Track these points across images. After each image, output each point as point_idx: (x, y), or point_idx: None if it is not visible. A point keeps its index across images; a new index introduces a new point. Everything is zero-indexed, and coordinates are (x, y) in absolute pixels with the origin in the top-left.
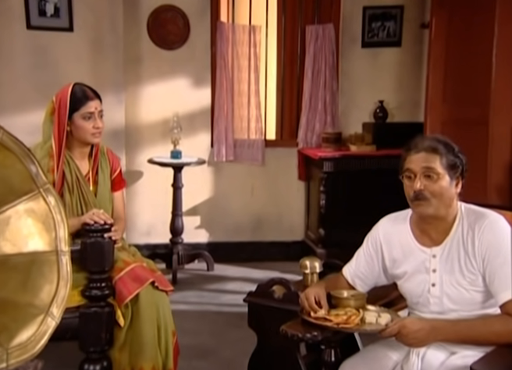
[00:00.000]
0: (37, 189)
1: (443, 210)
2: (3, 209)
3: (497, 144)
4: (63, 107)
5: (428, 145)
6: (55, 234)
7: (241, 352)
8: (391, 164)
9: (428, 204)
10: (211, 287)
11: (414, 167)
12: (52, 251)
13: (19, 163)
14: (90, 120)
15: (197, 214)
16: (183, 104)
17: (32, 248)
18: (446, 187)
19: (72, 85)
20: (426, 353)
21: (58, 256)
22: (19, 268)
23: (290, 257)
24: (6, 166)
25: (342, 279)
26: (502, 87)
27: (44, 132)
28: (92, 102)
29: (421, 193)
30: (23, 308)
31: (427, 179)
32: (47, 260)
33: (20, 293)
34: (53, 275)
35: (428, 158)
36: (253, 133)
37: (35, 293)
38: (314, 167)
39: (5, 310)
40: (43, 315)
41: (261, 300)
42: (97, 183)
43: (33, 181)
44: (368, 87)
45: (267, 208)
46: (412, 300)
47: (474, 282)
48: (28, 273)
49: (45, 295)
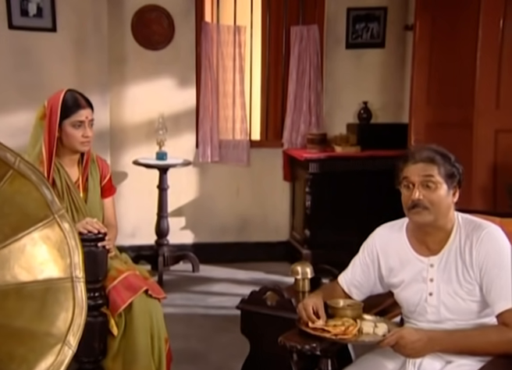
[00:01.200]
0: (52, 215)
1: (441, 219)
2: (18, 236)
3: (481, 147)
4: (54, 113)
5: (426, 156)
6: (70, 260)
7: (230, 356)
8: (375, 165)
9: (426, 213)
10: (198, 289)
11: (412, 177)
12: (67, 278)
13: (35, 190)
14: (79, 128)
15: (182, 215)
16: (167, 104)
17: (47, 275)
18: (443, 197)
19: (65, 91)
20: (422, 362)
21: (73, 283)
22: (34, 296)
23: (275, 257)
24: (22, 194)
25: (338, 288)
26: (486, 89)
27: (32, 136)
28: (83, 111)
29: (420, 202)
30: (40, 338)
31: (425, 188)
32: (62, 287)
33: (37, 321)
34: (69, 303)
35: (426, 168)
36: (238, 134)
37: (51, 321)
38: (300, 168)
39: (22, 340)
40: (60, 345)
41: (254, 307)
42: (87, 189)
43: (48, 208)
44: (352, 88)
45: (252, 209)
46: (409, 309)
47: (471, 292)
48: (44, 301)
49: (61, 323)
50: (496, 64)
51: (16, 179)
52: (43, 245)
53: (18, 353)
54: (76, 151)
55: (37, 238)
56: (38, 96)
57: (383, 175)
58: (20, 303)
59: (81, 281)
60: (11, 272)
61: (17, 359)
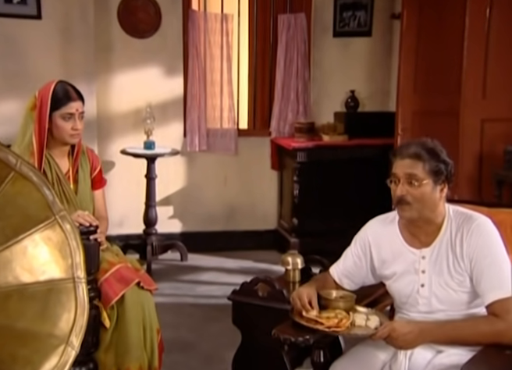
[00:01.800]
0: (53, 216)
1: (427, 214)
2: (20, 238)
3: (467, 136)
4: (44, 104)
5: (412, 152)
6: (71, 261)
7: (220, 346)
8: (363, 154)
9: (409, 209)
10: (186, 278)
11: (398, 173)
12: (69, 279)
13: (36, 191)
14: (69, 121)
15: (170, 204)
16: (155, 93)
17: (49, 276)
18: (428, 193)
19: (56, 82)
20: (413, 352)
21: (74, 283)
22: (36, 297)
23: (263, 246)
24: (24, 195)
25: (330, 279)
26: (472, 78)
27: (22, 126)
28: (74, 103)
29: (403, 198)
30: (44, 339)
31: (409, 185)
32: (64, 288)
33: (39, 322)
34: (71, 304)
35: (412, 165)
36: (226, 123)
37: (54, 322)
38: (288, 157)
39: (25, 341)
40: (63, 346)
41: (245, 298)
42: (77, 181)
43: (49, 209)
44: (339, 77)
45: (240, 198)
46: (401, 300)
47: (461, 283)
48: (46, 302)
49: (64, 324)
50: (483, 53)
51: (18, 180)
52: (44, 246)
53: (21, 355)
54: (66, 143)
55: (39, 239)
56: (24, 85)
57: (371, 163)
58: (22, 304)
59: (82, 281)
60: (13, 274)
61: (21, 360)
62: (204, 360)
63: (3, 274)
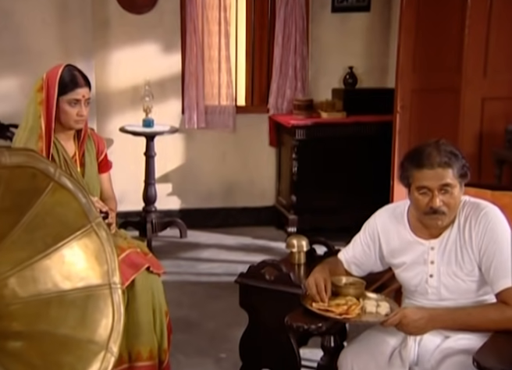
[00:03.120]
0: (89, 224)
1: (453, 215)
2: (58, 246)
3: (468, 115)
4: (52, 88)
5: (441, 160)
6: (107, 267)
7: (224, 324)
8: (361, 131)
9: (444, 218)
10: (187, 256)
11: (430, 185)
12: (105, 285)
13: (74, 200)
14: (75, 106)
15: (168, 181)
16: (152, 70)
17: (86, 283)
18: (457, 196)
19: (63, 67)
20: (422, 338)
21: (111, 289)
22: (76, 304)
23: (261, 222)
24: (62, 204)
25: (339, 264)
26: (473, 56)
27: (28, 107)
28: (80, 90)
29: (440, 210)
30: (85, 346)
31: (443, 194)
32: (101, 294)
33: (80, 329)
34: (108, 309)
35: (444, 174)
36: (224, 100)
37: (93, 328)
38: (286, 134)
39: (68, 349)
40: (103, 352)
41: (252, 281)
42: (83, 164)
43: (86, 216)
44: (337, 53)
45: (238, 175)
46: (409, 289)
47: (470, 272)
48: (85, 308)
49: (103, 330)
50: (485, 32)
51: (57, 190)
52: (81, 253)
53: (66, 362)
54: (71, 128)
55: (76, 247)
56: (21, 62)
57: (369, 141)
58: (63, 311)
59: (118, 287)
60: (52, 281)
61: (66, 368)
62: (209, 339)
63: (43, 281)
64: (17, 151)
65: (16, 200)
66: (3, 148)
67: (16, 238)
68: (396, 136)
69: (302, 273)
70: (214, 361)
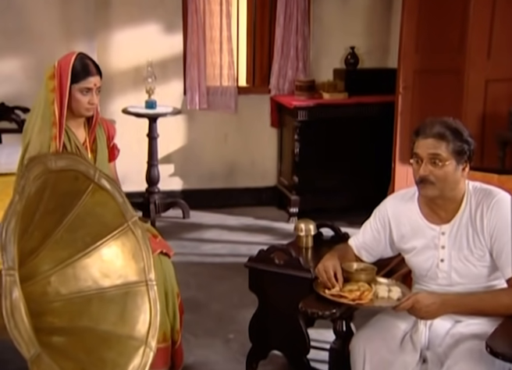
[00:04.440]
0: (126, 223)
1: (448, 193)
2: (97, 244)
3: (471, 96)
4: (64, 76)
5: (436, 131)
6: (144, 265)
7: (230, 305)
8: (363, 111)
9: (432, 188)
10: (190, 236)
11: (420, 152)
12: (142, 281)
13: (112, 200)
14: (86, 95)
15: (170, 162)
16: (154, 51)
17: (124, 280)
18: (451, 172)
19: (76, 55)
20: (433, 322)
21: (147, 286)
22: (115, 301)
23: (263, 202)
24: (101, 205)
25: (350, 251)
26: (477, 37)
27: (39, 94)
28: (92, 78)
29: (426, 178)
30: (125, 341)
31: (432, 165)
32: (138, 290)
33: (120, 325)
34: (145, 306)
35: (435, 145)
36: (225, 81)
37: (133, 324)
38: (288, 115)
39: (110, 344)
40: (143, 347)
41: (262, 265)
42: (94, 151)
43: (123, 216)
44: (338, 32)
45: (240, 155)
46: (420, 273)
47: (481, 257)
48: (124, 305)
49: (141, 326)
50: (489, 13)
51: (96, 191)
52: (119, 251)
53: (109, 358)
54: (81, 116)
55: (114, 245)
56: (23, 43)
57: (371, 121)
58: (103, 307)
59: (154, 284)
60: (92, 278)
61: (109, 364)
62: (216, 319)
63: (84, 278)
64: (61, 156)
65: (59, 201)
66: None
67: (58, 238)
68: (398, 117)
69: (310, 257)
70: (223, 342)
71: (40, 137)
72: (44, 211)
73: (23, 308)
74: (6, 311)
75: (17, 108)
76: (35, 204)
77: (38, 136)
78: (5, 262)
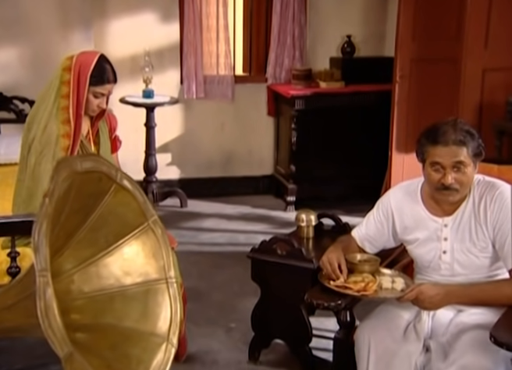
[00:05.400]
0: (146, 222)
1: (465, 192)
2: (119, 243)
3: (468, 85)
4: (83, 77)
5: (457, 139)
6: (163, 262)
7: (231, 294)
8: (360, 100)
9: (455, 194)
10: (188, 225)
11: (443, 161)
12: (162, 279)
13: (134, 200)
14: (98, 99)
15: (168, 151)
16: (151, 39)
17: (145, 278)
18: (470, 175)
19: (98, 58)
20: (436, 312)
21: (167, 283)
22: (136, 298)
23: (260, 191)
24: (123, 205)
25: (353, 242)
26: (475, 26)
27: (50, 83)
28: (108, 85)
29: (452, 186)
30: (148, 338)
31: (456, 171)
32: (159, 288)
33: (142, 322)
34: (166, 303)
35: (457, 152)
36: (222, 69)
37: (154, 321)
38: (285, 104)
39: (134, 341)
40: (165, 343)
41: (265, 256)
42: (97, 143)
43: (143, 215)
44: (334, 21)
45: (237, 144)
46: (423, 264)
47: (484, 249)
48: (146, 302)
49: (163, 323)
50: (487, 2)
51: (119, 191)
52: (140, 250)
53: (133, 354)
54: (85, 113)
55: (135, 244)
56: (19, 32)
57: (368, 110)
58: (126, 305)
59: (174, 281)
60: (114, 276)
61: (134, 360)
62: (218, 309)
63: (106, 276)
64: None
65: (84, 202)
66: (76, 157)
67: (81, 237)
68: (394, 106)
69: (311, 247)
70: (224, 331)
71: (46, 134)
72: (69, 212)
73: (56, 308)
74: (41, 311)
75: (15, 98)
76: (62, 205)
77: (44, 132)
78: (38, 264)
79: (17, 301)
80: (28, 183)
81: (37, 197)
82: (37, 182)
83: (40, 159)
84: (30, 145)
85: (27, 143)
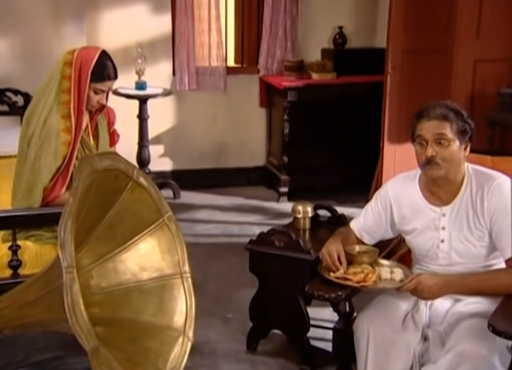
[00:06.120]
0: (161, 218)
1: (452, 173)
2: (135, 239)
3: (460, 76)
4: (84, 73)
5: (439, 113)
6: (178, 258)
7: (227, 285)
8: (352, 91)
9: (438, 168)
10: (182, 217)
11: (425, 134)
12: (177, 274)
13: (149, 197)
14: (98, 95)
15: (160, 143)
16: (143, 31)
17: (161, 273)
18: (455, 152)
19: (99, 54)
20: (433, 302)
21: (182, 278)
22: (153, 293)
23: (252, 182)
24: (139, 201)
25: (351, 234)
26: (467, 17)
27: (49, 78)
28: (109, 82)
29: (433, 159)
30: (165, 331)
31: (438, 145)
32: (175, 283)
33: (159, 316)
34: (181, 297)
35: (440, 126)
36: (214, 61)
37: (171, 315)
38: (277, 95)
39: (151, 334)
40: (182, 337)
41: (262, 247)
42: (96, 137)
43: (158, 211)
44: (326, 12)
45: (229, 135)
46: (420, 254)
47: (481, 238)
48: (162, 297)
49: (178, 317)
50: None
51: (135, 189)
52: (155, 246)
53: (152, 348)
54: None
55: (150, 240)
56: (11, 23)
57: (360, 101)
58: (143, 299)
59: (188, 276)
60: (131, 271)
61: (152, 353)
62: (214, 300)
63: (123, 272)
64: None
65: (102, 199)
66: (94, 156)
67: (100, 234)
68: (386, 96)
69: (307, 238)
70: (222, 322)
71: (46, 128)
72: (88, 209)
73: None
74: (68, 307)
75: (8, 91)
76: (83, 202)
77: (44, 126)
78: (65, 260)
79: (40, 297)
80: (28, 177)
81: (37, 190)
82: (36, 175)
83: (40, 153)
84: (29, 139)
85: (27, 136)
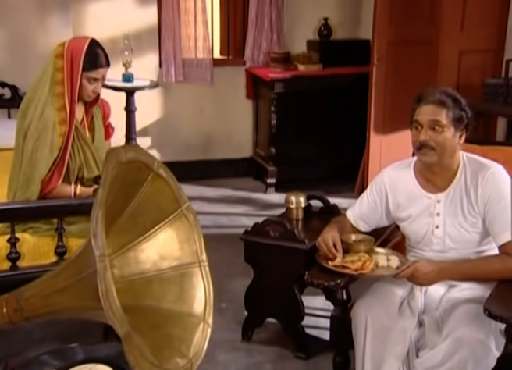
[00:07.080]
0: (179, 208)
1: (446, 159)
2: (155, 229)
3: (445, 67)
4: (76, 63)
5: (437, 98)
6: (196, 247)
7: (221, 276)
8: (338, 83)
9: (432, 154)
10: None
11: (421, 119)
12: (196, 262)
13: (168, 187)
14: (93, 83)
15: (147, 135)
16: (129, 23)
17: (180, 262)
18: (449, 139)
19: (89, 42)
20: (428, 288)
21: (200, 267)
22: (173, 281)
23: (239, 173)
24: (160, 192)
25: (347, 222)
26: (451, 9)
27: (42, 71)
28: (102, 70)
29: (426, 143)
30: (186, 318)
31: (432, 130)
32: (193, 271)
33: (180, 304)
34: (200, 285)
35: (435, 111)
36: (200, 53)
37: (191, 303)
38: (264, 87)
39: (173, 321)
40: (202, 324)
41: (257, 238)
42: (92, 129)
43: (177, 202)
44: (311, 3)
45: (216, 127)
46: (415, 240)
47: (475, 224)
48: (181, 285)
49: (198, 304)
50: None
51: (155, 180)
52: (174, 235)
53: (175, 334)
54: (81, 99)
55: (170, 230)
56: None
57: (346, 92)
58: (163, 287)
59: (206, 264)
60: (151, 261)
61: (176, 339)
62: None
63: (143, 261)
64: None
65: (125, 190)
66: (120, 148)
67: (122, 224)
68: (372, 87)
69: (300, 228)
70: (216, 312)
71: (42, 120)
72: (113, 200)
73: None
74: (102, 294)
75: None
76: (108, 193)
77: (40, 119)
78: (97, 249)
79: (68, 285)
80: (25, 169)
81: (34, 183)
82: (33, 168)
83: (37, 145)
84: (25, 131)
85: (23, 129)
